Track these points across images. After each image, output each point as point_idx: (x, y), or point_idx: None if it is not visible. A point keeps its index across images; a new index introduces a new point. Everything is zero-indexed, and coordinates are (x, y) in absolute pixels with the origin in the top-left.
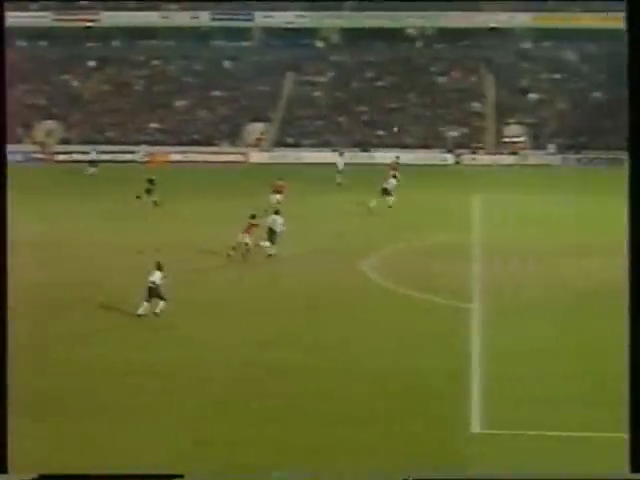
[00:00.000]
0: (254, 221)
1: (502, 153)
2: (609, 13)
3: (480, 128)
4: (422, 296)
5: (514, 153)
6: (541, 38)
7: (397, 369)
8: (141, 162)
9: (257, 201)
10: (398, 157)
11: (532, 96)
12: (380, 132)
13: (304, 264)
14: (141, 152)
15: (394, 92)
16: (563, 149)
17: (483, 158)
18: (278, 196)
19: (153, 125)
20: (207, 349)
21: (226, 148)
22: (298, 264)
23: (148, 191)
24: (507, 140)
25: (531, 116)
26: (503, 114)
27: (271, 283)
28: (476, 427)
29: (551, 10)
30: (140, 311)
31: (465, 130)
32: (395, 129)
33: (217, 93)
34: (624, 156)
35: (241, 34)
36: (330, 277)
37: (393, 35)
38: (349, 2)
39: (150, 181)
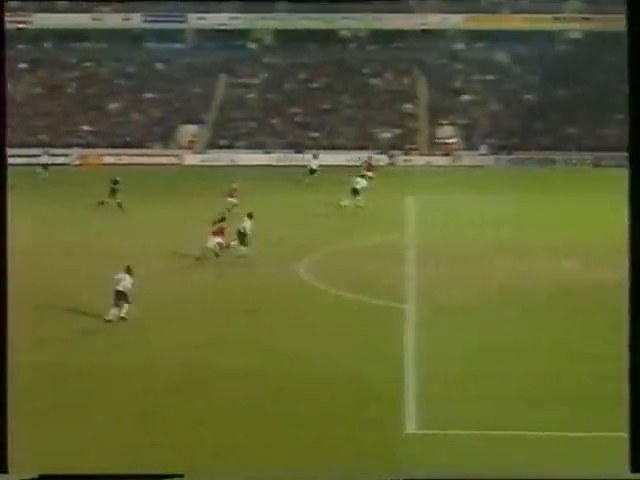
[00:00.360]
0: (224, 224)
1: (435, 154)
2: (540, 14)
3: (413, 129)
4: (356, 297)
5: (447, 154)
6: (473, 40)
7: (331, 370)
8: (74, 165)
9: (213, 202)
10: (370, 157)
11: (464, 97)
12: (313, 134)
13: (246, 267)
14: (74, 155)
15: (327, 94)
16: (495, 150)
17: (416, 159)
18: (232, 199)
19: (85, 127)
20: (151, 351)
21: (159, 150)
22: (241, 267)
23: (112, 192)
24: (440, 141)
25: (463, 117)
26: (436, 115)
27: (214, 286)
28: (411, 427)
29: (482, 12)
30: (109, 317)
31: (398, 131)
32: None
33: (150, 95)
34: (555, 156)
35: (174, 36)
36: (267, 280)
37: (326, 37)
38: (282, 4)
39: (114, 182)
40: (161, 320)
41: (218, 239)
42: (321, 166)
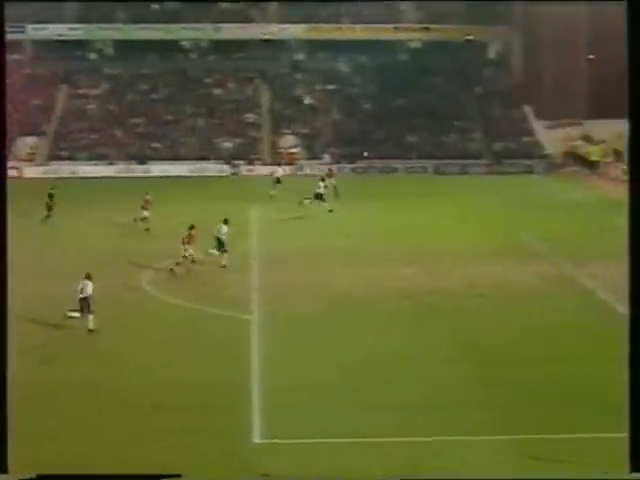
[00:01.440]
0: (193, 232)
1: (278, 163)
2: (380, 24)
3: (256, 139)
4: (202, 308)
5: (290, 163)
6: (314, 49)
7: (177, 381)
8: None
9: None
10: (331, 166)
11: (306, 107)
12: (156, 144)
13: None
14: None
15: (169, 104)
16: (338, 158)
17: (259, 169)
18: (145, 212)
19: None
20: None
21: None
22: None
23: (49, 207)
24: (282, 151)
25: (306, 126)
26: (278, 125)
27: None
28: (257, 437)
29: (323, 22)
30: (73, 314)
31: (241, 141)
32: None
33: None
34: (396, 164)
35: (12, 47)
36: (108, 292)
37: (167, 47)
38: (121, 14)
39: (50, 196)
40: None
41: (189, 250)
42: (165, 177)
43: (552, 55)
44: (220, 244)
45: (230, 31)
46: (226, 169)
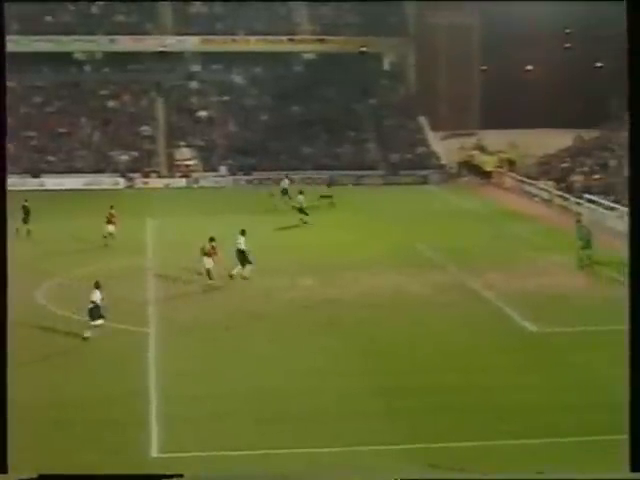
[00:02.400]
0: (214, 243)
1: (174, 176)
2: (275, 36)
3: (151, 151)
4: (97, 322)
5: (186, 176)
6: (210, 61)
7: (74, 397)
8: None
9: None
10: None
11: (202, 119)
12: (50, 157)
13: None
14: None
15: (63, 117)
16: (234, 170)
17: (155, 181)
18: (111, 226)
19: None
20: None
21: None
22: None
23: (25, 220)
24: (179, 163)
25: (202, 138)
26: (174, 137)
27: None
28: (154, 451)
29: (218, 34)
30: (87, 334)
31: (136, 154)
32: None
33: None
34: (293, 176)
35: None
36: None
37: (61, 59)
38: (15, 26)
39: (25, 208)
40: None
41: (210, 263)
42: (59, 190)
43: (446, 66)
44: (242, 255)
45: (125, 43)
46: (121, 182)
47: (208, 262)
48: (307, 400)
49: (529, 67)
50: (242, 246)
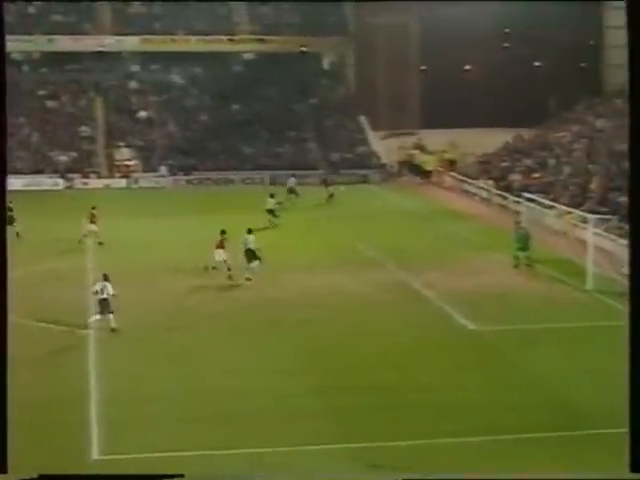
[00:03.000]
0: (225, 236)
1: (114, 177)
2: (215, 36)
3: (91, 152)
4: (37, 324)
5: (126, 176)
6: (149, 61)
7: (12, 399)
8: None
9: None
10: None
11: (142, 119)
12: None
13: None
14: None
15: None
16: (174, 170)
17: (95, 182)
18: (92, 225)
19: None
20: None
21: None
22: None
23: (10, 221)
24: (118, 163)
25: (142, 139)
26: (113, 137)
27: None
28: (95, 454)
29: (158, 33)
30: (92, 319)
31: (75, 154)
32: None
33: None
34: (233, 176)
35: None
36: None
37: None
38: None
39: (10, 209)
40: None
41: (223, 255)
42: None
43: (385, 66)
44: (251, 254)
45: (63, 43)
46: (61, 183)
47: (219, 254)
48: (247, 400)
49: (468, 67)
50: (251, 245)
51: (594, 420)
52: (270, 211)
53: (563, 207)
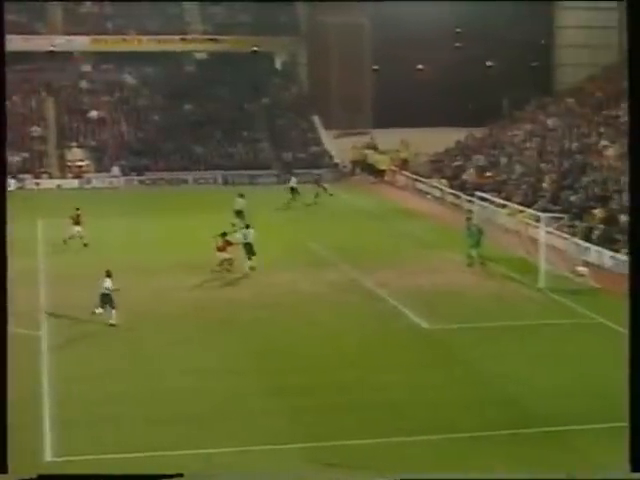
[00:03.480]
0: (228, 238)
1: (66, 177)
2: (167, 35)
3: (42, 152)
4: (100, 310)
5: (78, 177)
6: (101, 61)
7: None
8: None
9: None
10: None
11: (94, 119)
12: None
13: None
14: None
15: None
16: (127, 171)
17: (47, 182)
18: (77, 227)
19: None
20: None
21: None
22: None
23: None
24: (70, 164)
25: (94, 139)
26: (65, 137)
27: None
28: (49, 455)
29: (109, 33)
30: (97, 311)
31: (27, 155)
32: None
33: None
34: (186, 176)
35: None
36: None
37: None
38: None
39: None
40: None
41: (225, 254)
42: None
43: (338, 65)
44: (249, 248)
45: (14, 43)
46: (12, 183)
47: (221, 255)
48: (202, 400)
49: (420, 66)
50: (250, 239)
51: (547, 418)
52: (239, 212)
53: (515, 206)
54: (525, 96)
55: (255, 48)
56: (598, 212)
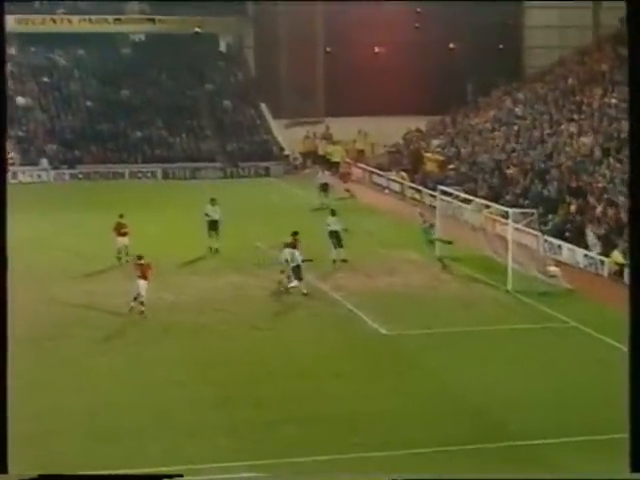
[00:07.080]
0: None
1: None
2: (100, 15)
3: None
4: None
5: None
6: (28, 43)
7: None
8: None
9: None
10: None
11: (20, 106)
12: None
13: None
14: None
15: None
16: (57, 164)
17: None
18: (122, 238)
19: None
20: None
21: None
22: None
23: None
24: None
25: (20, 128)
26: None
27: None
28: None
29: (37, 13)
30: (293, 284)
31: None
32: None
33: None
34: (122, 169)
35: None
36: None
37: None
38: None
39: None
40: None
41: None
42: None
43: (288, 48)
44: (298, 270)
45: None
46: None
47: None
48: (143, 414)
49: (378, 49)
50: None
51: (516, 431)
52: (213, 224)
53: (481, 200)
54: (491, 81)
55: (197, 29)
56: (570, 206)
